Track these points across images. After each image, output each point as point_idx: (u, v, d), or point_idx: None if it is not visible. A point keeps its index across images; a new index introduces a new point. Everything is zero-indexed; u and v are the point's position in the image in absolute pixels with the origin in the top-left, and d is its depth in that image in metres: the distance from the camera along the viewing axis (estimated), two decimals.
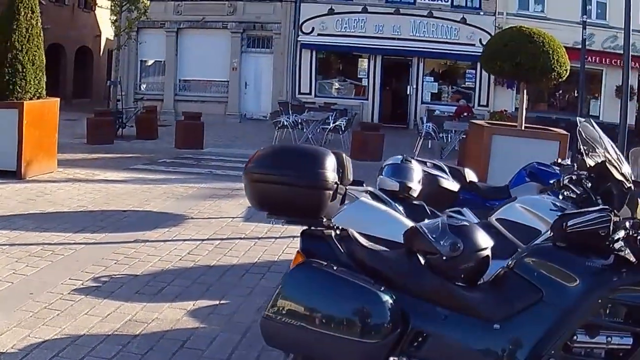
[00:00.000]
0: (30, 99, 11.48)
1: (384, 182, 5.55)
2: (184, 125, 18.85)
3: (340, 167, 3.56)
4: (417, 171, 5.68)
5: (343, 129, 19.70)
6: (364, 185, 5.43)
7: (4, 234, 7.67)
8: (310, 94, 27.41)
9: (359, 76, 27.71)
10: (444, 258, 3.41)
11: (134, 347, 4.82)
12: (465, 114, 22.30)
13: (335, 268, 3.41)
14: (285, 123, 20.21)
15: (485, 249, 3.50)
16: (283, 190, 3.44)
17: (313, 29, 27.05)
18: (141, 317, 5.39)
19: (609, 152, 3.97)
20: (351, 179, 3.73)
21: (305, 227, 3.58)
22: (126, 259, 6.91)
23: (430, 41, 26.04)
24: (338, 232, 3.59)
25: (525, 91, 12.13)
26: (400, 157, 5.83)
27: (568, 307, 3.31)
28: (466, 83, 26.63)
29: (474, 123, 13.92)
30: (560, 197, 4.88)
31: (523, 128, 11.87)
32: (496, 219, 4.90)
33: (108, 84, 21.54)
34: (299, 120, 20.80)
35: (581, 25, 18.86)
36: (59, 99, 12.68)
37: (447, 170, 6.49)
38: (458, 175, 6.53)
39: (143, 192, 10.87)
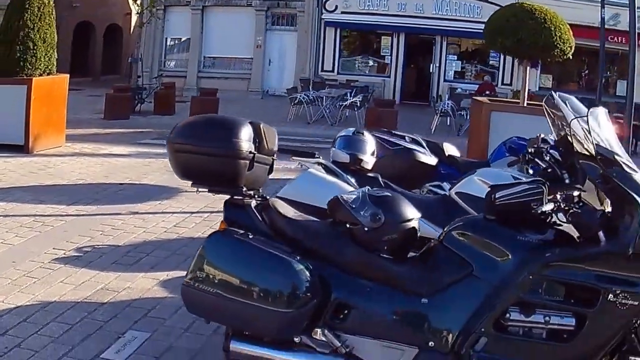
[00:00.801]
0: (40, 75, 11.74)
1: (336, 155, 5.58)
2: (199, 100, 19.06)
3: (257, 137, 3.58)
4: (369, 143, 5.67)
5: (359, 105, 19.78)
6: (317, 157, 5.51)
7: (0, 205, 7.93)
8: (333, 71, 27.47)
9: (381, 54, 27.70)
10: (366, 229, 3.39)
11: (99, 314, 5.00)
12: (487, 92, 22.16)
13: (250, 237, 3.44)
14: (301, 99, 20.35)
15: (410, 220, 3.46)
16: (200, 160, 3.48)
17: (336, 7, 27.06)
18: (113, 285, 5.56)
19: (570, 126, 3.89)
20: (274, 149, 3.73)
21: (228, 196, 3.62)
22: (112, 230, 7.11)
23: (453, 19, 25.91)
24: (258, 201, 3.62)
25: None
26: (352, 129, 5.88)
27: (498, 282, 3.26)
28: (490, 61, 26.45)
29: (475, 100, 13.91)
30: (531, 170, 4.93)
31: (525, 104, 11.82)
32: (455, 193, 4.97)
33: (129, 61, 21.80)
34: (315, 97, 20.90)
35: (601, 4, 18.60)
36: (67, 75, 12.92)
37: (425, 145, 6.52)
38: (436, 150, 6.56)
39: (144, 166, 11.08)
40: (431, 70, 26.83)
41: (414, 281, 3.37)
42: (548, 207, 3.29)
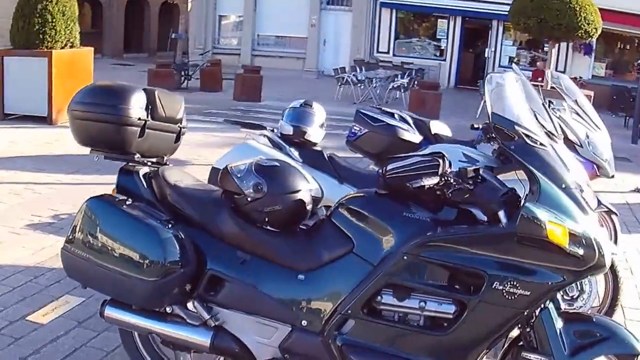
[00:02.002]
0: (62, 48, 12.16)
1: (282, 127, 5.58)
2: (242, 78, 19.29)
3: (151, 104, 3.58)
4: (318, 116, 5.63)
5: (406, 87, 19.77)
6: (267, 129, 5.61)
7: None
8: (388, 52, 27.39)
9: (437, 37, 27.47)
10: (249, 199, 3.34)
11: (44, 279, 5.22)
12: (540, 78, 21.84)
13: (128, 203, 3.42)
14: (349, 79, 20.44)
15: (296, 192, 3.37)
16: (93, 127, 3.51)
17: None
18: None
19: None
20: (176, 116, 3.74)
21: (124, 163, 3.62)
22: None
23: (510, 4, 25.42)
24: (152, 169, 3.64)
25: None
26: (301, 100, 5.85)
27: (377, 262, 3.13)
28: (544, 48, 25.96)
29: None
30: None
31: (549, 88, 11.63)
32: None
33: (173, 37, 22.18)
34: (365, 77, 20.95)
35: None
36: (92, 49, 13.25)
37: (412, 122, 6.51)
38: (422, 128, 6.57)
39: None
40: (486, 55, 26.51)
41: (292, 256, 3.29)
42: (430, 181, 3.08)
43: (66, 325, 4.54)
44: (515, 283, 2.96)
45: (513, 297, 2.97)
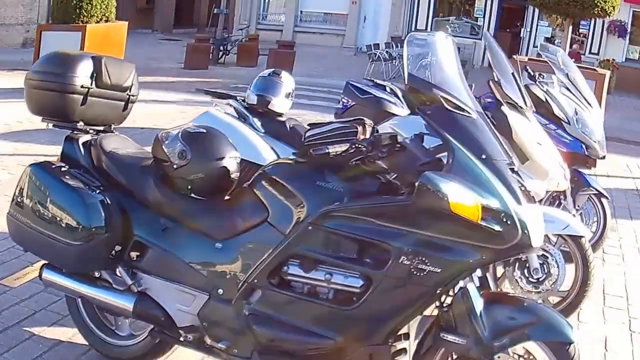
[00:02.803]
0: (97, 22, 12.22)
1: (248, 96, 5.53)
2: (275, 53, 19.23)
3: (96, 72, 3.57)
4: (285, 86, 5.54)
5: None
6: (237, 99, 5.52)
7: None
8: (425, 30, 27.01)
9: (475, 15, 26.98)
10: (174, 166, 3.31)
11: None
12: (573, 60, 21.29)
13: (63, 170, 3.44)
14: (380, 56, 20.20)
15: (220, 159, 3.33)
16: (40, 95, 3.55)
17: None
18: None
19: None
20: (124, 84, 3.72)
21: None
22: None
23: None
24: (93, 137, 3.63)
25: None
26: (270, 70, 5.75)
27: (286, 231, 3.02)
28: (580, 30, 25.31)
29: (514, 59, 13.38)
30: None
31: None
32: None
33: (215, 12, 22.16)
34: (397, 54, 20.68)
35: None
36: (126, 23, 13.31)
37: (402, 96, 6.35)
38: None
39: (179, 113, 11.27)
40: (522, 35, 25.95)
41: (211, 224, 3.24)
42: (336, 148, 2.89)
43: (32, 289, 4.61)
44: (424, 259, 2.74)
45: (422, 274, 2.75)
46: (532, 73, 6.34)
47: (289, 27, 29.02)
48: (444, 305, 2.92)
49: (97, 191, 3.37)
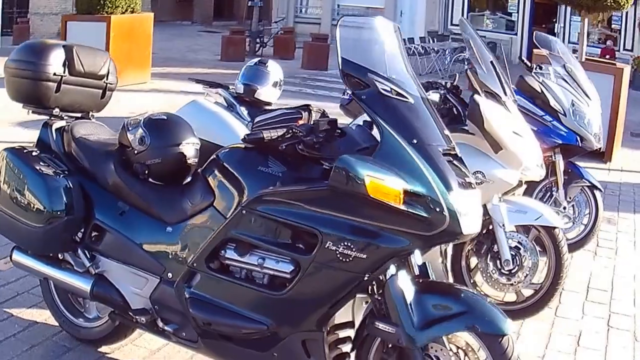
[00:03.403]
0: (123, 13, 12.31)
1: (236, 85, 5.56)
2: (310, 46, 19.27)
3: (68, 61, 3.64)
4: (272, 75, 5.55)
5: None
6: (228, 88, 5.54)
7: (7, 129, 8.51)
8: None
9: (509, 10, 26.56)
10: (135, 152, 3.38)
11: None
12: (607, 56, 20.86)
13: (33, 155, 3.53)
14: (415, 50, 20.04)
15: (176, 145, 3.38)
16: (17, 82, 3.64)
17: None
18: None
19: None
20: (97, 72, 3.77)
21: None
22: None
23: None
24: (68, 123, 3.70)
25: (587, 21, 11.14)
26: (257, 59, 5.75)
27: (227, 215, 3.04)
28: (613, 25, 24.73)
29: (535, 54, 13.11)
30: None
31: (583, 60, 11.00)
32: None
33: (249, 4, 22.21)
34: (429, 49, 20.50)
35: None
36: (152, 14, 13.43)
37: None
38: None
39: None
40: (556, 31, 25.46)
41: (163, 209, 3.28)
42: (271, 134, 2.89)
43: (20, 273, 4.61)
44: (349, 244, 2.70)
45: (348, 260, 2.71)
46: (529, 64, 6.25)
47: (326, 20, 28.86)
48: (377, 293, 2.85)
49: (62, 176, 3.44)
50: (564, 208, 5.90)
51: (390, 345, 2.89)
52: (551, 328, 4.60)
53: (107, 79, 3.83)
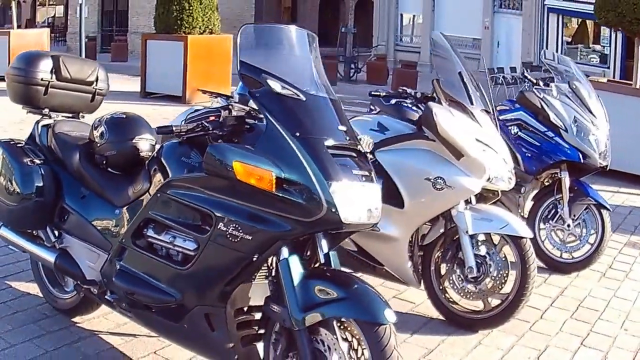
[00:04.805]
0: (200, 34, 12.79)
1: (233, 95, 5.70)
2: (398, 72, 19.49)
3: (55, 68, 4.09)
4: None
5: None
6: (232, 98, 5.70)
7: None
8: (552, 58, 26.05)
9: (601, 44, 25.75)
10: (98, 145, 3.78)
11: None
12: None
13: (18, 146, 4.00)
14: (502, 80, 19.82)
15: (130, 139, 3.72)
16: (14, 86, 4.13)
17: None
18: None
19: None
20: (86, 79, 4.22)
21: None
22: None
23: None
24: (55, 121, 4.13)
25: None
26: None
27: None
28: None
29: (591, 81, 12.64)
30: None
31: (638, 86, 10.57)
32: None
33: (342, 30, 22.54)
34: (516, 78, 20.23)
35: None
36: (231, 36, 13.81)
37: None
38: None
39: None
40: None
41: (116, 193, 3.61)
42: (184, 127, 3.07)
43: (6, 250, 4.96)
44: (237, 226, 2.87)
45: (236, 240, 2.88)
46: (534, 80, 6.18)
47: (426, 49, 28.86)
48: (273, 276, 3.01)
49: (37, 164, 3.86)
50: (568, 226, 5.78)
51: (279, 327, 3.00)
52: (517, 340, 4.48)
53: (96, 85, 4.28)
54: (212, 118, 3.05)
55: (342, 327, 2.88)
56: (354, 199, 2.84)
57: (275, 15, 32.51)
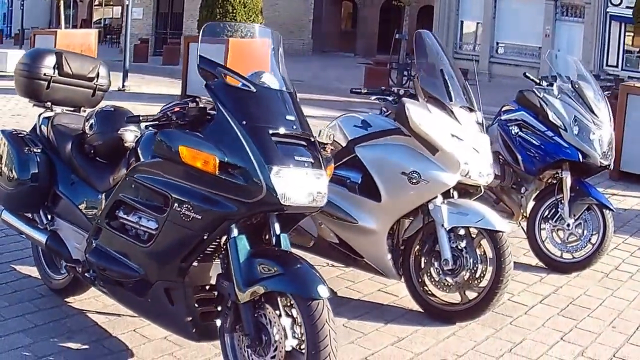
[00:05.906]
0: (243, 37, 13.05)
1: None
2: None
3: (58, 64, 4.39)
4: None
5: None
6: None
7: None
8: (617, 66, 25.61)
9: None
10: (87, 136, 4.07)
11: None
12: None
13: (20, 136, 4.26)
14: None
15: (115, 130, 3.98)
16: (20, 81, 4.46)
17: (622, 1, 25.03)
18: None
19: None
20: (86, 74, 4.50)
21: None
22: None
23: None
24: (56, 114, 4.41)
25: None
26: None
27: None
28: None
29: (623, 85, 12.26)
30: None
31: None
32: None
33: (396, 37, 22.56)
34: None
35: None
36: (270, 40, 13.99)
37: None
38: None
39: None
40: None
41: (100, 180, 3.89)
42: (150, 116, 3.34)
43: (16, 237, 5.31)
44: (189, 207, 3.11)
45: (188, 220, 3.13)
46: (535, 80, 6.19)
47: (484, 57, 28.74)
48: (223, 254, 3.27)
49: (34, 153, 4.13)
50: (568, 225, 5.77)
51: (230, 303, 3.20)
52: (494, 333, 4.52)
53: (97, 81, 4.59)
54: (176, 109, 3.34)
55: (287, 304, 3.08)
56: (296, 183, 3.07)
57: (335, 21, 32.63)
